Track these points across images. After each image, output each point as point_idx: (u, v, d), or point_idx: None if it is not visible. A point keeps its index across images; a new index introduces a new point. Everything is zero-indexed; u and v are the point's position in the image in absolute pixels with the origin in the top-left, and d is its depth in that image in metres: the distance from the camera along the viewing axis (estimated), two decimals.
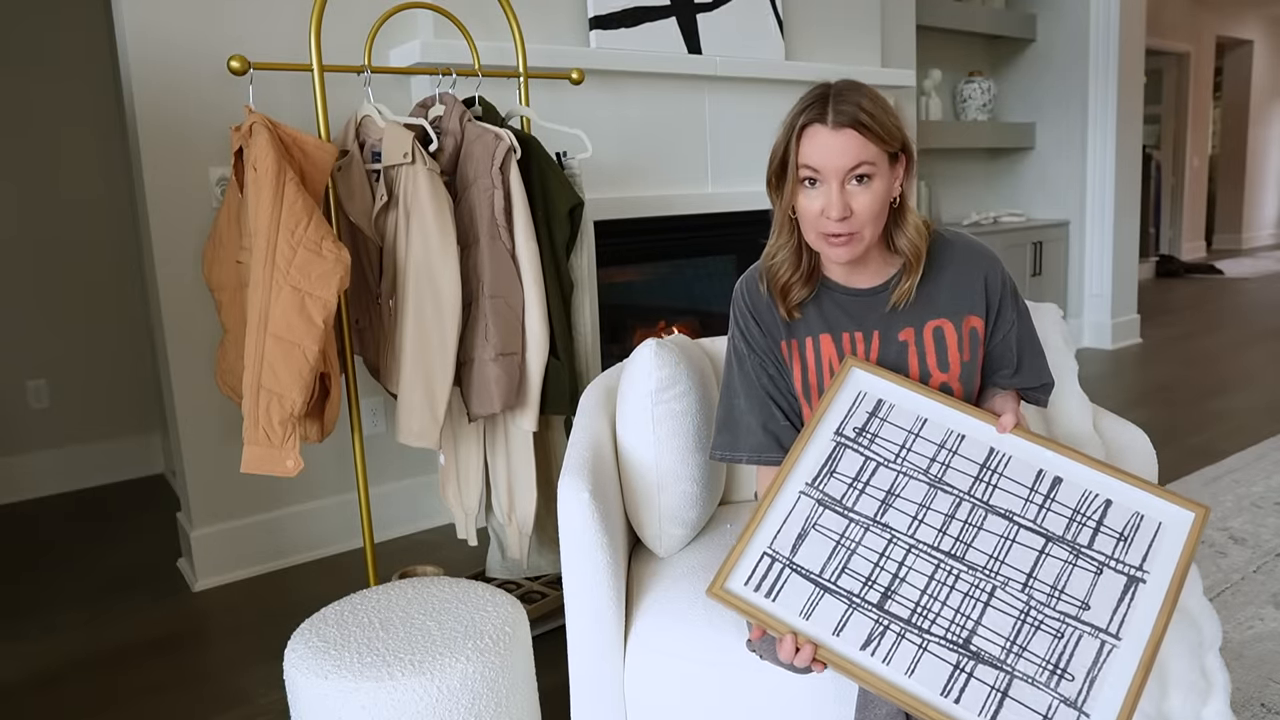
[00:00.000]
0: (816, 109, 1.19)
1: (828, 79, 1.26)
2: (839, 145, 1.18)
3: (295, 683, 1.31)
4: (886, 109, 1.21)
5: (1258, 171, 10.49)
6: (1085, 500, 1.13)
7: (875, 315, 1.32)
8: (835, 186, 1.19)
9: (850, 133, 1.17)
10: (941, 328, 1.31)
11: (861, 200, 1.19)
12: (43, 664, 2.10)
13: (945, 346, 1.31)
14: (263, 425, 1.70)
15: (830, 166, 1.18)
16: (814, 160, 1.19)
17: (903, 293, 1.29)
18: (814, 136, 1.19)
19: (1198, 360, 4.79)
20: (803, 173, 1.21)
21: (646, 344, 1.52)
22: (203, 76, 2.35)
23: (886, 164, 1.20)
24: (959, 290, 1.32)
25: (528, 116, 2.22)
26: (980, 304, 1.32)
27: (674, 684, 1.34)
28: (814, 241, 1.25)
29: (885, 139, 1.18)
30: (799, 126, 1.21)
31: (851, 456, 1.20)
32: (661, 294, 3.39)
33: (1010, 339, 1.35)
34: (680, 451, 1.50)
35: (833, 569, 1.10)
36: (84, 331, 3.36)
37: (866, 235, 1.22)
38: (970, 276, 1.32)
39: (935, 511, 1.14)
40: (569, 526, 1.33)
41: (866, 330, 1.32)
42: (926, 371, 1.30)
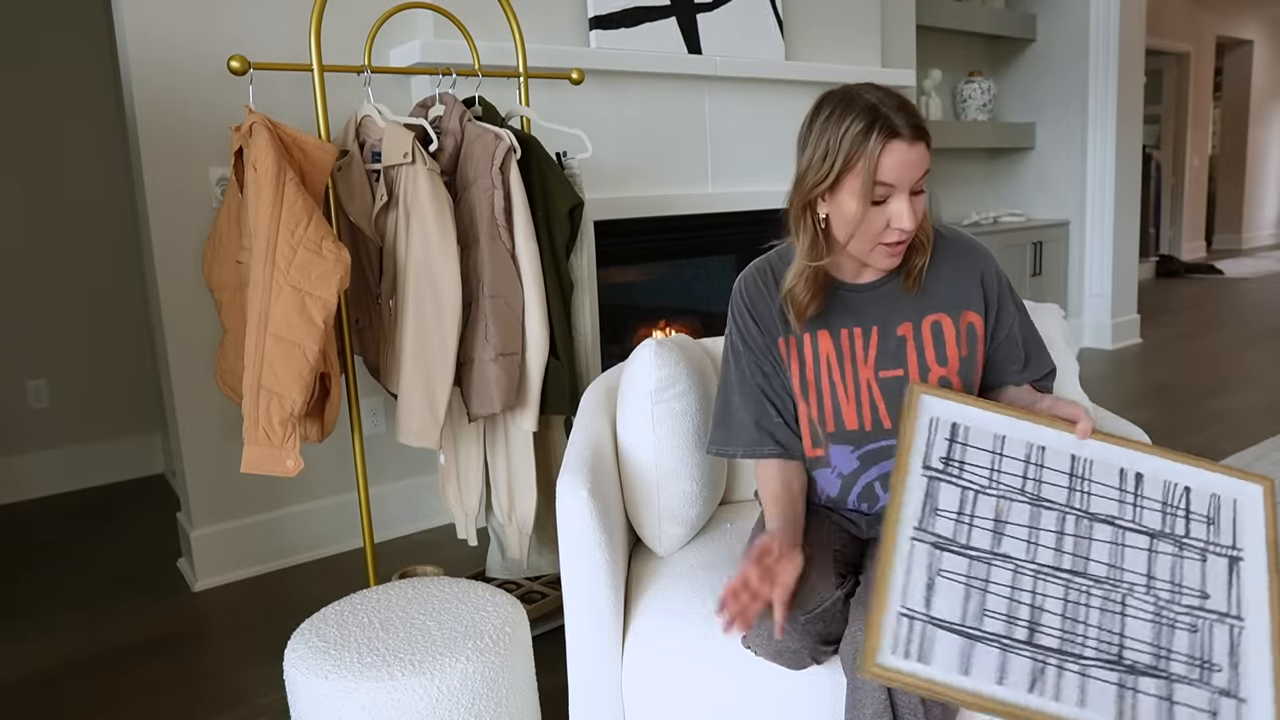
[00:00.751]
0: (891, 123, 1.16)
1: (827, 79, 1.27)
2: (916, 158, 1.18)
3: (295, 683, 1.31)
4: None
5: (1258, 171, 10.48)
6: (1169, 491, 1.15)
7: (875, 310, 1.33)
8: (906, 197, 1.19)
9: (922, 145, 1.18)
10: (940, 322, 1.32)
11: (919, 206, 1.21)
12: (42, 664, 2.10)
13: (944, 341, 1.31)
14: (263, 425, 1.70)
15: (907, 179, 1.18)
16: (894, 175, 1.17)
17: (916, 273, 1.30)
18: (895, 152, 1.17)
19: (1198, 360, 4.79)
20: (879, 190, 1.18)
21: (646, 343, 1.52)
22: (203, 76, 2.35)
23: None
24: (956, 286, 1.33)
25: (528, 116, 2.22)
26: (978, 301, 1.33)
27: (672, 682, 1.34)
28: (866, 252, 1.24)
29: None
30: (880, 140, 1.17)
31: (948, 490, 1.16)
32: (661, 294, 3.39)
33: (1015, 334, 1.36)
34: (680, 450, 1.50)
35: (972, 614, 1.07)
36: (84, 331, 3.36)
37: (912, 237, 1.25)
38: (967, 273, 1.33)
39: (1045, 530, 1.12)
40: (568, 524, 1.33)
41: (865, 326, 1.32)
42: (926, 365, 1.31)
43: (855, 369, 1.32)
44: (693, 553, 1.52)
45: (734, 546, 1.52)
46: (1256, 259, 9.47)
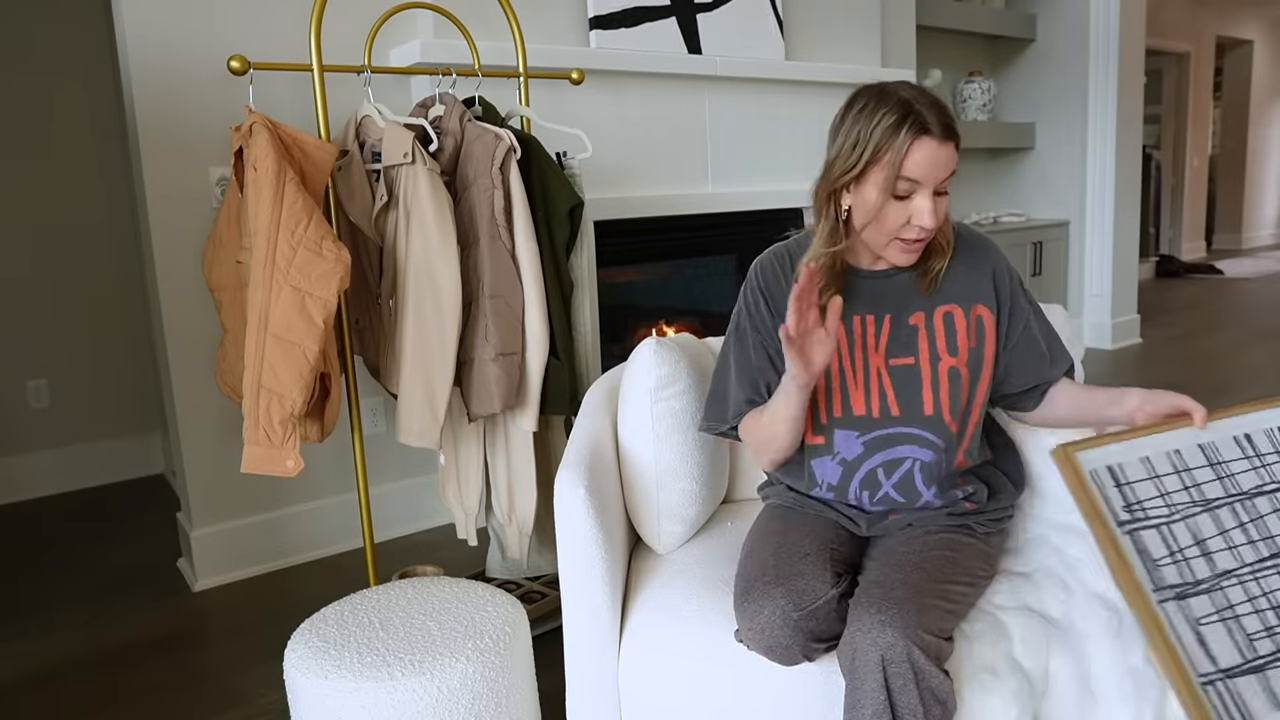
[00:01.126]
0: (919, 120, 1.18)
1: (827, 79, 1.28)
2: (945, 157, 1.19)
3: (295, 683, 1.31)
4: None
5: (1258, 171, 10.48)
6: (1274, 439, 1.18)
7: (889, 298, 1.34)
8: (928, 193, 1.20)
9: (951, 145, 1.20)
10: (951, 313, 1.33)
11: (942, 207, 1.23)
12: (42, 664, 2.10)
13: (954, 331, 1.33)
14: (263, 425, 1.70)
15: (932, 177, 1.19)
16: (920, 171, 1.19)
17: (934, 274, 1.32)
18: (924, 148, 1.18)
19: (1198, 360, 4.79)
20: (902, 185, 1.20)
21: (646, 342, 1.52)
22: (203, 77, 2.35)
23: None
24: (969, 279, 1.34)
25: (528, 116, 2.22)
26: (989, 296, 1.34)
27: (668, 679, 1.35)
28: (881, 245, 1.26)
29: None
30: (909, 136, 1.18)
31: (1149, 536, 1.14)
32: (661, 294, 3.39)
33: (1033, 329, 1.37)
34: (679, 449, 1.50)
35: (1244, 648, 1.06)
36: (84, 331, 3.36)
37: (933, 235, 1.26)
38: (979, 268, 1.35)
39: (1230, 530, 1.13)
40: (565, 520, 1.34)
41: (878, 313, 1.33)
42: (936, 355, 1.32)
43: (866, 356, 1.33)
44: (691, 550, 1.52)
45: (733, 545, 1.52)
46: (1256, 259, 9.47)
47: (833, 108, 1.33)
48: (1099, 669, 1.27)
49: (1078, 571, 1.38)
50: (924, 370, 1.32)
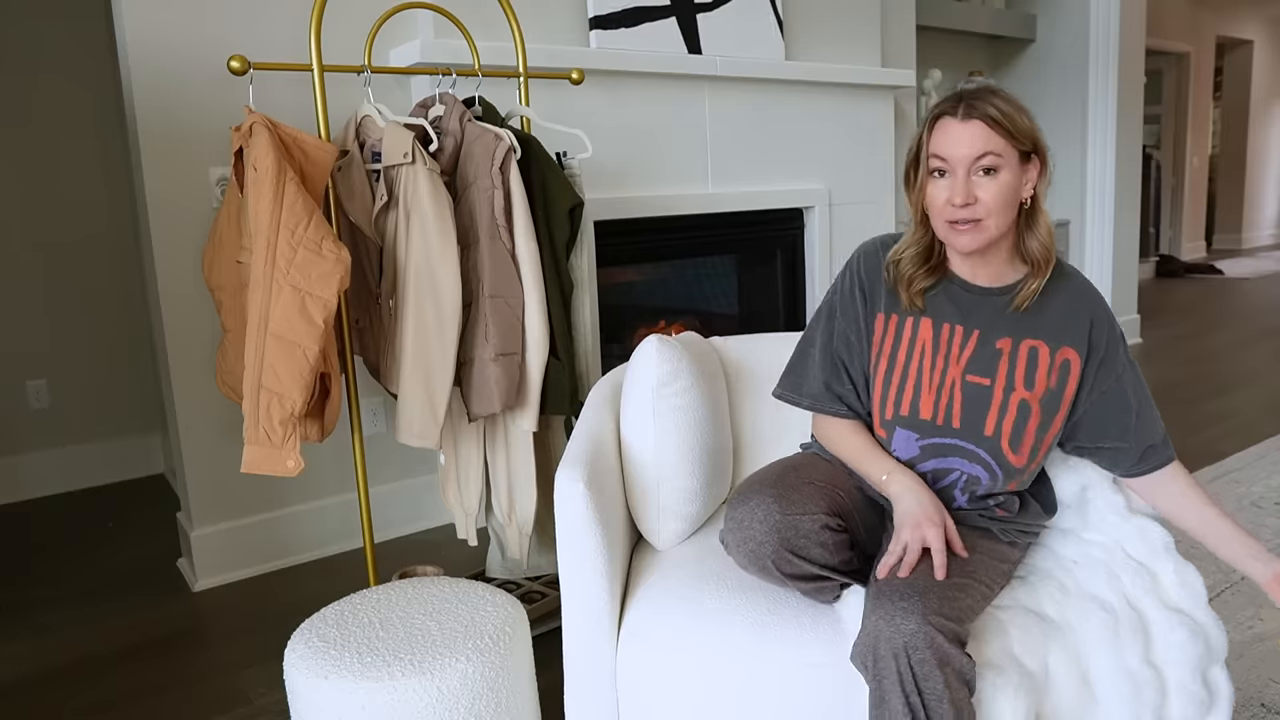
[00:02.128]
0: (950, 103, 1.27)
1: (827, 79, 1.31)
2: (967, 135, 1.24)
3: (295, 683, 1.31)
4: (1020, 110, 1.27)
5: (1258, 171, 10.48)
6: None
7: (981, 314, 1.35)
8: (962, 174, 1.24)
9: (978, 124, 1.23)
10: (1037, 349, 1.33)
11: (987, 190, 1.24)
12: (42, 664, 2.10)
13: (1036, 366, 1.33)
14: (263, 425, 1.70)
15: (957, 155, 1.24)
16: (943, 149, 1.25)
17: (1028, 293, 1.32)
18: (944, 128, 1.26)
19: (1198, 360, 4.79)
20: (933, 163, 1.27)
21: (649, 340, 1.53)
22: (202, 77, 2.35)
23: (1015, 160, 1.25)
24: (1064, 320, 1.34)
25: (528, 116, 2.22)
26: (1082, 342, 1.34)
27: (665, 674, 1.35)
28: (941, 231, 1.29)
29: (1014, 135, 1.24)
30: (931, 119, 1.28)
31: None
32: (661, 294, 3.39)
33: (1126, 389, 1.37)
34: (681, 447, 1.50)
35: None
36: (84, 332, 3.36)
37: (991, 226, 1.26)
38: (1078, 313, 1.35)
39: None
40: (565, 516, 1.34)
41: (968, 326, 1.35)
42: (1012, 385, 1.32)
43: (946, 364, 1.34)
44: (689, 547, 1.52)
45: None
46: (1256, 259, 9.47)
47: (833, 108, 1.34)
48: (1096, 669, 1.27)
49: (1073, 573, 1.38)
50: (996, 395, 1.33)
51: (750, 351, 1.85)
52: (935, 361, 1.35)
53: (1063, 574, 1.37)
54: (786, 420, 1.75)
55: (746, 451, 1.79)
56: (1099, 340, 1.34)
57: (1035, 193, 1.30)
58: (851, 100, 3.53)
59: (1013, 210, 1.27)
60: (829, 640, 1.27)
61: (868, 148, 3.64)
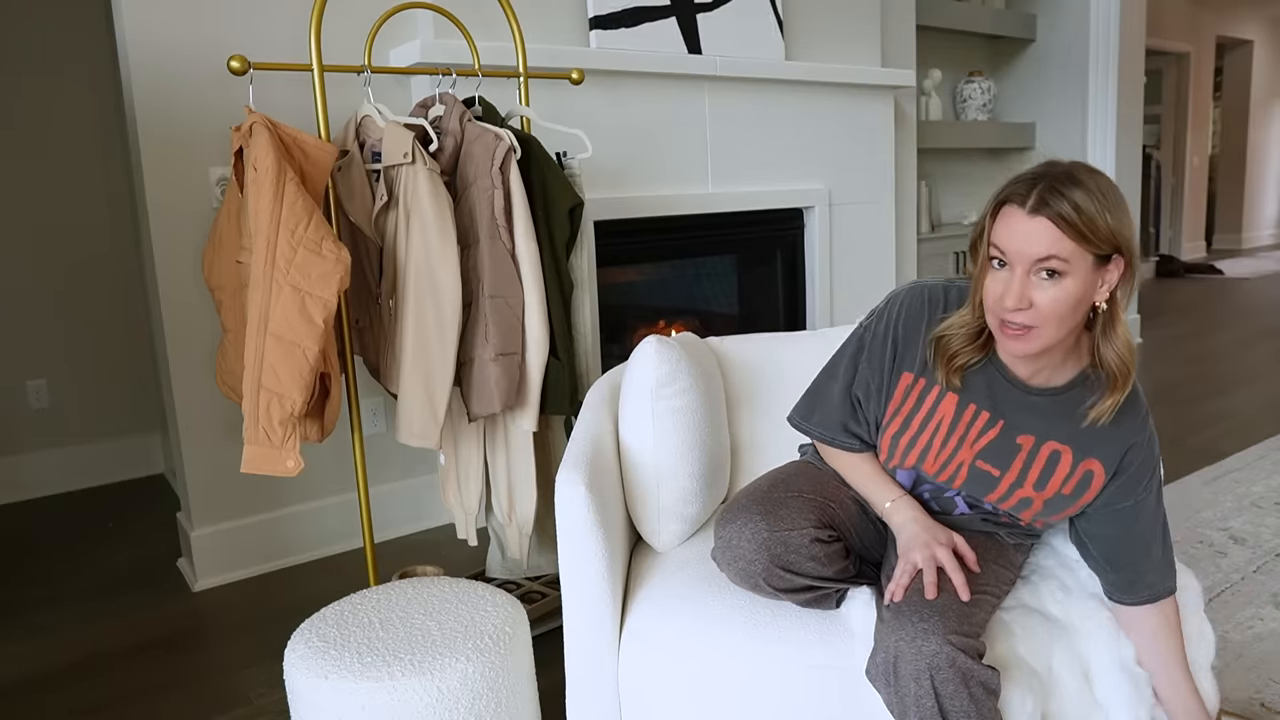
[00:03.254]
0: (1022, 188, 1.11)
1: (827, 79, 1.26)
2: (1029, 232, 1.09)
3: (295, 683, 1.31)
4: (1107, 205, 1.09)
5: (1258, 171, 10.48)
6: None
7: (1013, 407, 1.26)
8: (1020, 273, 1.11)
9: (1045, 222, 1.08)
10: (1060, 453, 1.25)
11: (1047, 295, 1.10)
12: (41, 664, 2.10)
13: (1053, 471, 1.26)
14: (263, 425, 1.70)
15: (1016, 251, 1.10)
16: (1002, 241, 1.12)
17: (1101, 411, 1.20)
18: (1008, 217, 1.12)
19: (1198, 360, 4.79)
20: (991, 251, 1.14)
21: (648, 340, 1.52)
22: (202, 77, 2.35)
23: (1088, 265, 1.10)
24: (1102, 434, 1.24)
25: (528, 116, 2.22)
26: (1112, 460, 1.25)
27: (667, 676, 1.35)
28: (992, 324, 1.18)
29: (1090, 238, 1.08)
30: (998, 201, 1.14)
31: None
32: (661, 294, 3.39)
33: (1141, 518, 1.27)
34: (680, 447, 1.50)
35: None
36: (84, 331, 3.36)
37: (1047, 335, 1.13)
38: (1119, 433, 1.24)
39: None
40: (565, 517, 1.34)
41: (994, 415, 1.26)
42: (1022, 482, 1.27)
43: (959, 445, 1.29)
44: (690, 548, 1.52)
45: None
46: (1256, 259, 9.47)
47: (833, 108, 1.32)
48: (1097, 668, 1.27)
49: (1075, 572, 1.38)
50: (1002, 486, 1.29)
51: (748, 351, 1.85)
52: (949, 439, 1.29)
53: (1065, 573, 1.38)
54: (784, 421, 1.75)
55: (745, 452, 1.79)
56: (1129, 465, 1.25)
57: (1114, 297, 1.14)
58: (851, 100, 3.53)
59: (1075, 319, 1.13)
60: (833, 642, 1.27)
61: (868, 148, 3.64)
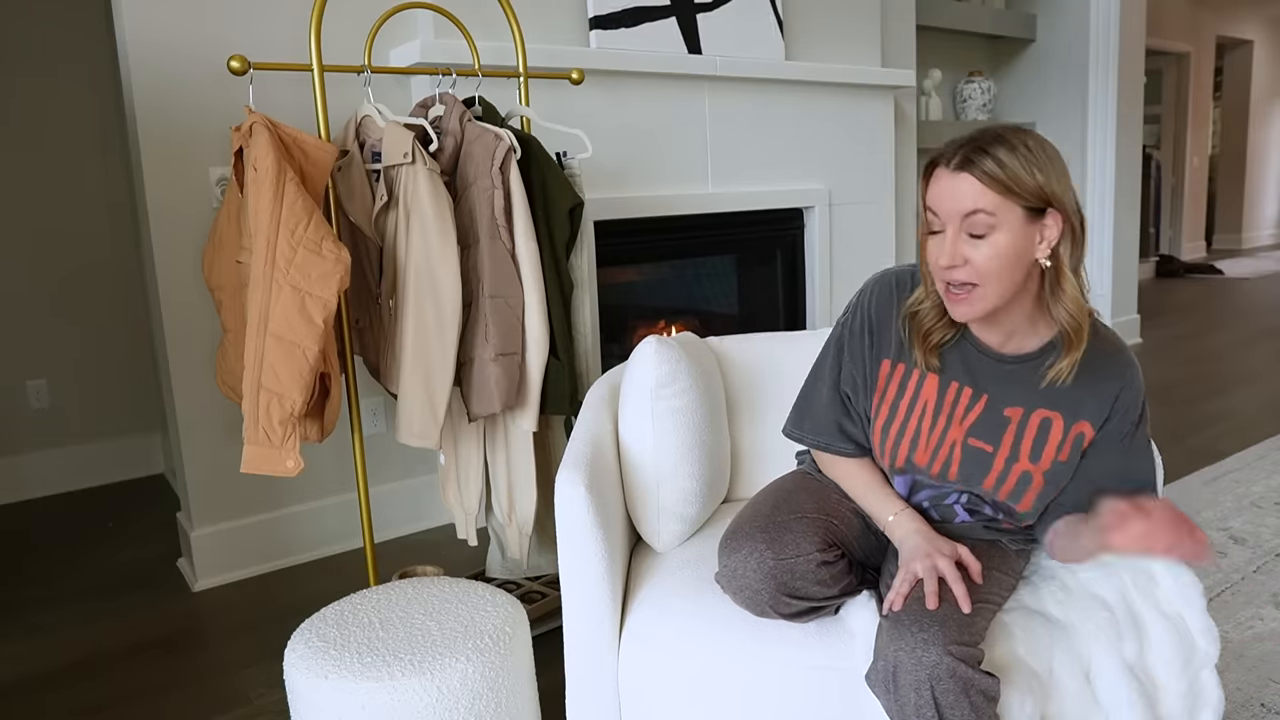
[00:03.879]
0: (949, 150, 1.13)
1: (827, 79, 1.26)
2: (955, 189, 1.11)
3: (295, 683, 1.31)
4: (1034, 160, 1.10)
5: (1258, 171, 10.48)
6: None
7: (995, 380, 1.25)
8: (952, 233, 1.12)
9: (968, 177, 1.10)
10: (1050, 420, 1.24)
11: (980, 252, 1.11)
12: (41, 664, 2.10)
13: (1046, 440, 1.24)
14: (263, 425, 1.70)
15: (946, 211, 1.12)
16: (933, 202, 1.14)
17: (1059, 371, 1.19)
18: (937, 178, 1.14)
19: (1198, 360, 4.79)
20: (927, 216, 1.16)
21: (648, 340, 1.52)
22: (202, 77, 2.35)
23: (1018, 219, 1.10)
24: (1086, 394, 1.23)
25: (528, 116, 2.22)
26: (1101, 416, 1.24)
27: (667, 676, 1.35)
28: (941, 293, 1.18)
29: (1014, 190, 1.08)
30: (928, 166, 1.16)
31: None
32: (661, 294, 3.40)
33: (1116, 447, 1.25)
34: (679, 448, 1.50)
35: None
36: (84, 331, 3.36)
37: (989, 295, 1.13)
38: (1104, 384, 1.23)
39: None
40: (566, 518, 1.34)
41: (977, 389, 1.26)
42: (1017, 455, 1.25)
43: (948, 425, 1.27)
44: (690, 548, 1.52)
45: None
46: (1256, 259, 9.47)
47: (833, 108, 1.32)
48: (1098, 668, 1.27)
49: (1076, 571, 1.38)
50: (998, 463, 1.26)
51: (748, 351, 1.85)
52: (936, 421, 1.28)
53: (1065, 573, 1.38)
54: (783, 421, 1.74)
55: (745, 452, 1.78)
56: (1117, 414, 1.23)
57: (1059, 256, 1.13)
58: (851, 100, 3.53)
59: (1016, 276, 1.13)
60: (833, 643, 1.27)
61: (868, 148, 3.64)
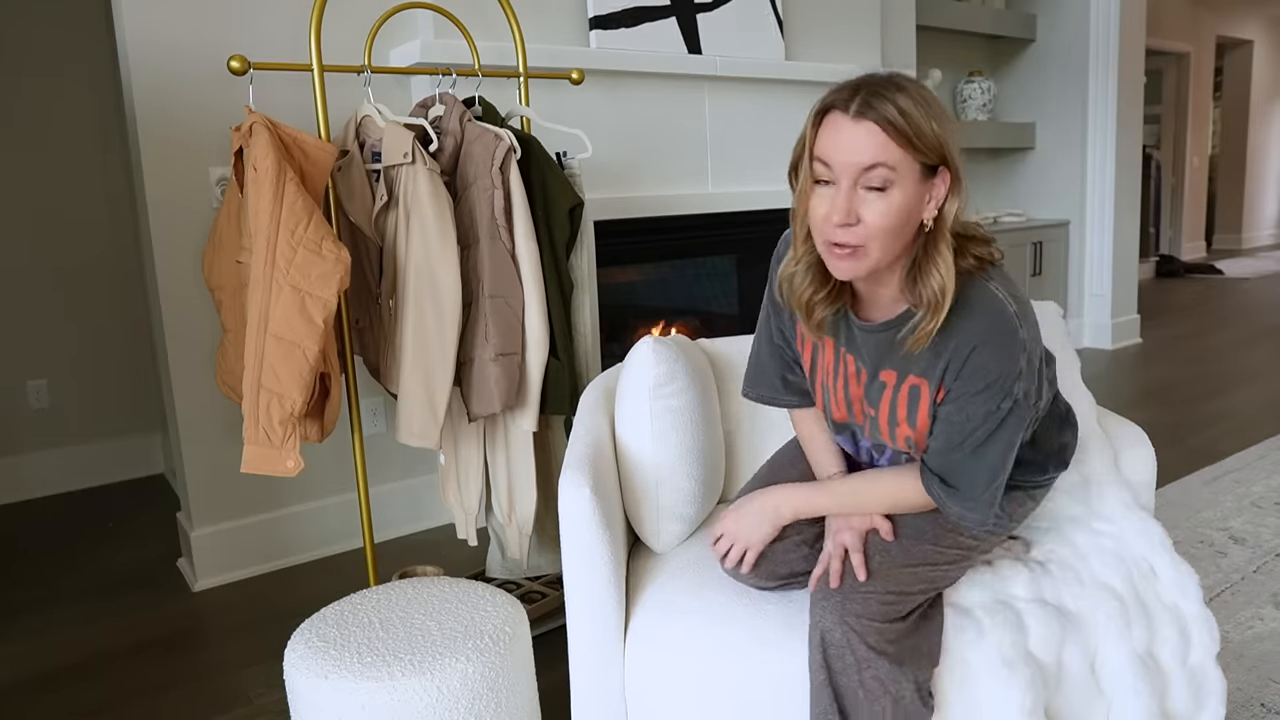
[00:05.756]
0: (844, 94, 1.05)
1: (827, 79, 1.26)
2: (855, 139, 1.02)
3: (295, 683, 1.31)
4: (932, 113, 1.03)
5: (1258, 171, 10.48)
6: None
7: (870, 348, 1.21)
8: (845, 186, 1.04)
9: (871, 126, 1.02)
10: (919, 387, 1.18)
11: (875, 210, 1.04)
12: (41, 664, 2.10)
13: (918, 404, 1.19)
14: (263, 425, 1.70)
15: (842, 162, 1.04)
16: (826, 152, 1.05)
17: (917, 338, 1.11)
18: (832, 125, 1.05)
19: (1198, 360, 4.79)
20: (816, 167, 1.07)
21: (645, 340, 1.52)
22: (202, 77, 2.35)
23: (915, 175, 1.04)
24: (947, 357, 1.14)
25: (528, 116, 2.22)
26: (951, 378, 1.15)
27: (674, 677, 1.34)
28: (820, 249, 1.10)
29: (917, 145, 1.02)
30: (820, 110, 1.07)
31: None
32: (661, 294, 3.39)
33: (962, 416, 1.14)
34: (678, 448, 1.50)
35: None
36: (84, 331, 3.36)
37: (874, 253, 1.06)
38: (960, 345, 1.12)
39: None
40: (570, 521, 1.33)
41: (859, 359, 1.23)
42: (896, 420, 1.21)
43: (848, 385, 1.27)
44: (690, 549, 1.52)
45: None
46: (1256, 259, 9.47)
47: None
48: (1103, 658, 1.29)
49: (1088, 561, 1.40)
50: (883, 426, 1.23)
51: (736, 352, 1.83)
52: (837, 380, 1.28)
53: (1079, 564, 1.39)
54: (773, 418, 1.74)
55: (737, 451, 1.78)
56: (965, 373, 1.12)
57: (941, 215, 1.07)
58: None
59: (904, 237, 1.07)
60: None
61: None
